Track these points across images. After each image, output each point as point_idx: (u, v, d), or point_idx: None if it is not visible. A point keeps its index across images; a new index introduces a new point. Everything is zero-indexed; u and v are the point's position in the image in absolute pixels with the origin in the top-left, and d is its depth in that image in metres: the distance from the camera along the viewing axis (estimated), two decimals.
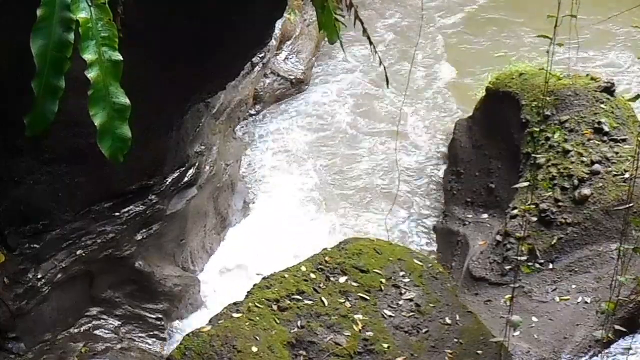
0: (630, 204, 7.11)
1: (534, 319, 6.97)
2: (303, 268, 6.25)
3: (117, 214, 6.79)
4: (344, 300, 6.06)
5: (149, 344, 7.35)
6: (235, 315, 5.86)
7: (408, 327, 6.00)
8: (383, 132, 10.88)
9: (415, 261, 6.52)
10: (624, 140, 7.88)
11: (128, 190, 6.86)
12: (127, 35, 4.09)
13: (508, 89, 8.87)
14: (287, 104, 11.55)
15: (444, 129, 10.80)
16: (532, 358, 6.66)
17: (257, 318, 5.82)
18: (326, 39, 5.60)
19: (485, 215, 8.68)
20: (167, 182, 7.23)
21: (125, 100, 3.67)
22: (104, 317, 7.14)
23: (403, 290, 6.23)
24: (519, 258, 6.10)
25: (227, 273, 8.50)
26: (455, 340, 6.00)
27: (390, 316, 6.03)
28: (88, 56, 3.59)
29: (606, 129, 7.96)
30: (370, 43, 5.58)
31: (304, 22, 12.28)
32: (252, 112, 11.09)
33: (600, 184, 7.57)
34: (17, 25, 3.88)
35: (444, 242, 8.94)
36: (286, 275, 6.18)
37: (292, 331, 5.79)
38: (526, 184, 6.40)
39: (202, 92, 6.83)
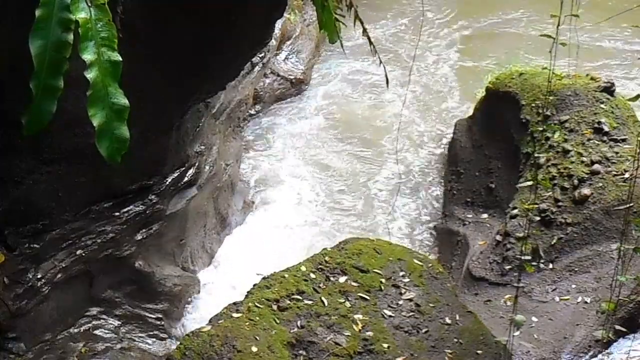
0: (630, 204, 7.11)
1: (534, 319, 6.97)
2: (303, 268, 6.25)
3: (117, 214, 6.79)
4: (344, 300, 6.06)
5: (149, 344, 7.36)
6: (235, 315, 5.86)
7: (408, 327, 6.00)
8: (383, 132, 10.88)
9: (415, 261, 6.52)
10: (624, 140, 7.88)
11: (128, 190, 6.86)
12: (127, 35, 4.09)
13: (508, 89, 8.87)
14: (287, 104, 11.55)
15: (444, 129, 10.81)
16: (532, 358, 6.66)
17: (257, 318, 5.82)
18: (326, 38, 5.61)
19: (485, 215, 8.68)
20: (167, 182, 7.23)
21: (124, 100, 3.67)
22: (104, 317, 7.14)
23: (403, 290, 6.23)
24: (522, 257, 6.08)
25: (227, 273, 8.50)
26: (455, 340, 6.00)
27: (390, 316, 6.03)
28: (87, 57, 3.60)
29: (606, 129, 7.96)
30: (371, 43, 5.58)
31: (304, 22, 12.28)
32: (252, 112, 11.09)
33: (600, 184, 7.57)
34: (17, 25, 3.89)
35: (444, 242, 8.94)
36: (286, 275, 6.18)
37: (292, 331, 5.79)
38: (529, 183, 6.39)
39: (202, 92, 6.83)
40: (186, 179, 7.52)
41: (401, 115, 9.86)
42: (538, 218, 7.35)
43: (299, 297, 6.01)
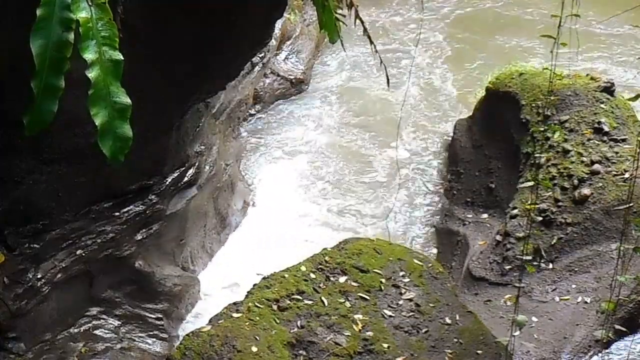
0: (630, 204, 7.11)
1: (534, 319, 6.97)
2: (303, 268, 6.25)
3: (117, 214, 6.78)
4: (344, 300, 6.06)
5: (149, 344, 7.35)
6: (235, 315, 5.86)
7: (408, 327, 6.00)
8: (383, 132, 10.87)
9: (415, 261, 6.52)
10: (624, 140, 7.89)
11: (128, 190, 6.86)
12: (127, 35, 4.08)
13: (508, 89, 8.87)
14: (287, 104, 11.55)
15: (443, 128, 10.80)
16: (532, 358, 6.66)
17: (257, 318, 5.82)
18: (326, 38, 5.60)
19: (485, 215, 8.68)
20: (167, 182, 7.23)
21: (126, 99, 3.67)
22: (104, 317, 7.14)
23: (403, 290, 6.23)
24: (524, 257, 6.09)
25: (227, 273, 8.50)
26: (455, 340, 6.00)
27: (390, 316, 6.03)
28: (88, 56, 3.59)
29: (606, 129, 7.96)
30: (371, 42, 5.58)
31: (304, 22, 12.29)
32: (252, 112, 11.09)
33: (600, 184, 7.58)
34: (17, 25, 3.88)
35: (444, 242, 8.93)
36: (286, 275, 6.18)
37: (292, 331, 5.79)
38: (530, 183, 6.40)
39: (202, 92, 6.83)
40: (186, 179, 7.52)
41: (400, 114, 9.86)
42: (538, 218, 7.36)
43: (299, 297, 6.01)
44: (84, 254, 6.62)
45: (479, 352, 5.96)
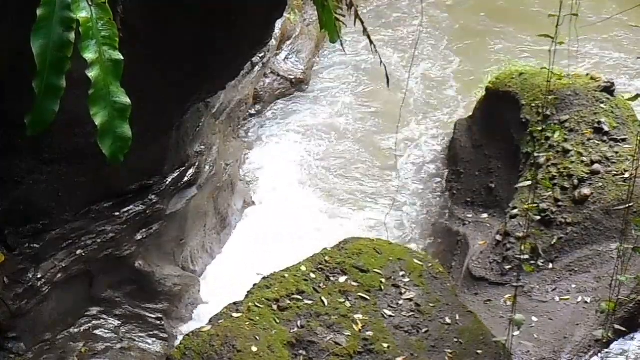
0: (630, 204, 7.11)
1: (534, 318, 6.97)
2: (303, 268, 6.25)
3: (117, 214, 6.79)
4: (344, 300, 6.06)
5: (149, 344, 7.36)
6: (235, 315, 5.86)
7: (408, 327, 6.00)
8: (383, 132, 10.88)
9: (415, 261, 6.52)
10: (624, 140, 7.89)
11: (128, 190, 6.87)
12: (127, 35, 4.08)
13: (508, 89, 8.87)
14: (287, 104, 11.55)
15: (443, 128, 10.80)
16: (532, 358, 6.66)
17: (257, 318, 5.82)
18: (327, 38, 5.61)
19: (485, 215, 8.68)
20: (167, 182, 7.23)
21: (125, 99, 3.67)
22: (104, 317, 7.14)
23: (403, 290, 6.23)
24: (521, 257, 6.09)
25: (227, 273, 8.50)
26: (455, 340, 6.00)
27: (390, 316, 6.03)
28: (89, 55, 3.59)
29: (606, 128, 7.96)
30: (371, 42, 5.57)
31: (304, 22, 12.29)
32: (252, 112, 11.09)
33: (600, 184, 7.58)
34: (17, 24, 3.89)
35: (444, 242, 8.94)
36: (286, 275, 6.18)
37: (292, 331, 5.79)
38: (529, 183, 6.40)
39: (202, 92, 6.83)
40: (186, 178, 7.52)
41: (400, 114, 9.85)
42: (538, 218, 7.35)
43: (299, 297, 6.01)
44: (84, 254, 6.62)
45: (479, 352, 5.96)
